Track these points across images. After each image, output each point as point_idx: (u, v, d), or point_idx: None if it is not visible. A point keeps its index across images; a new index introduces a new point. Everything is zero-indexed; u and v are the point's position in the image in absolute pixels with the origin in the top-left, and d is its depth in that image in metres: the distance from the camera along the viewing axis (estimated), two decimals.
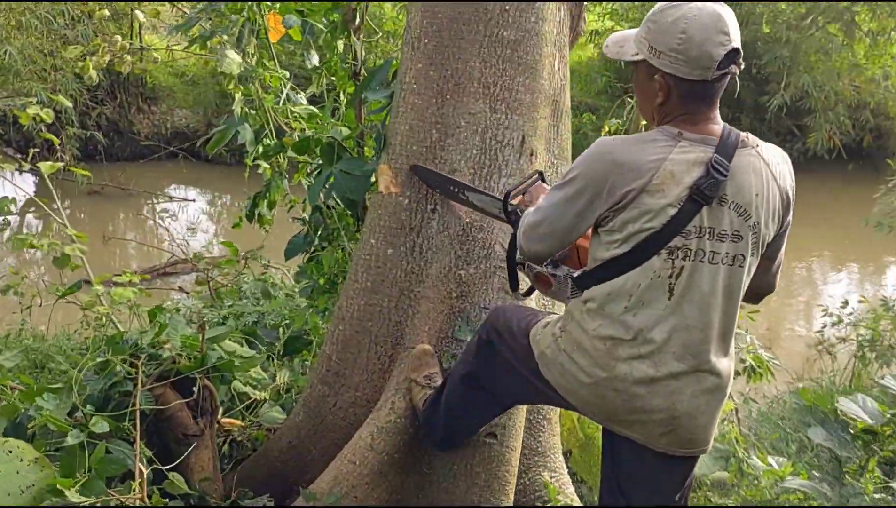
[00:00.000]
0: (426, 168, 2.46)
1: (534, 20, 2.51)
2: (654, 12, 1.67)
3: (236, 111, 3.33)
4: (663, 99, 1.68)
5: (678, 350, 1.67)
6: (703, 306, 1.66)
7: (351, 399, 2.49)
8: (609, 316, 1.71)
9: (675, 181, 1.61)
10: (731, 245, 1.66)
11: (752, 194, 1.66)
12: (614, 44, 1.80)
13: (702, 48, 1.60)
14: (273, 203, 3.35)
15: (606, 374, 1.71)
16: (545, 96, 2.57)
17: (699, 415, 1.72)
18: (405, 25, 2.62)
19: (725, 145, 1.64)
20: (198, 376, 2.23)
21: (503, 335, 2.02)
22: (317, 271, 3.31)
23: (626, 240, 1.66)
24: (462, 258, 2.46)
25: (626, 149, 1.67)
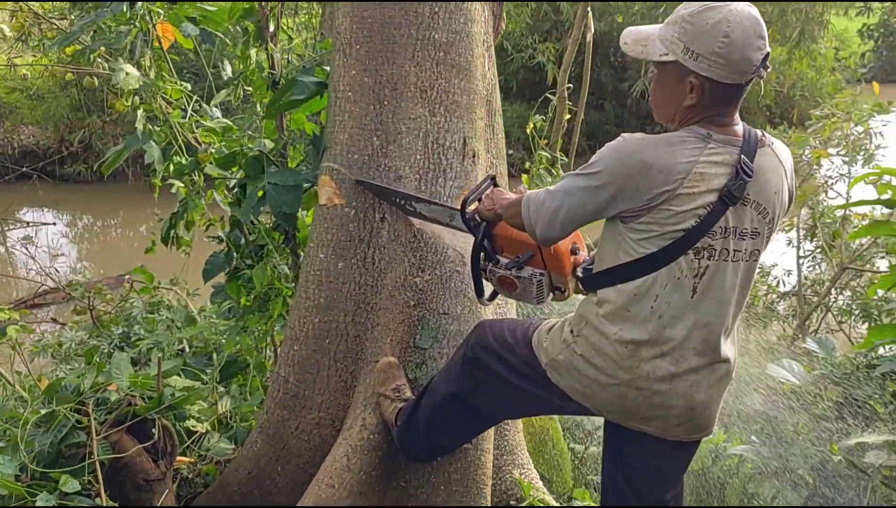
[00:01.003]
0: (371, 183, 2.41)
1: (463, 21, 2.51)
2: (692, 13, 1.63)
3: (139, 128, 3.11)
4: (695, 101, 1.66)
5: (698, 346, 1.71)
6: (722, 302, 1.71)
7: (314, 421, 2.41)
8: (631, 319, 1.71)
9: (705, 184, 1.62)
10: (751, 242, 1.70)
11: (772, 193, 1.70)
12: (635, 42, 1.75)
13: (743, 53, 1.59)
14: (191, 223, 3.16)
15: (630, 376, 1.73)
16: (480, 97, 2.58)
17: (713, 403, 1.79)
18: (333, 31, 2.55)
19: (749, 146, 1.67)
20: (155, 416, 2.08)
21: (494, 349, 1.99)
22: (240, 291, 3.17)
23: (652, 240, 1.66)
24: (416, 266, 2.43)
25: (656, 151, 1.64)
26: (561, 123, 3.64)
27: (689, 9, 1.65)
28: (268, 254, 3.01)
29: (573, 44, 3.89)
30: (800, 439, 2.74)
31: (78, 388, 2.09)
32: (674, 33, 1.66)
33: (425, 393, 2.17)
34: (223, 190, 3.14)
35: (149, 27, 3.05)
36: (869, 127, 5.51)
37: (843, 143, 5.72)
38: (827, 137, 5.85)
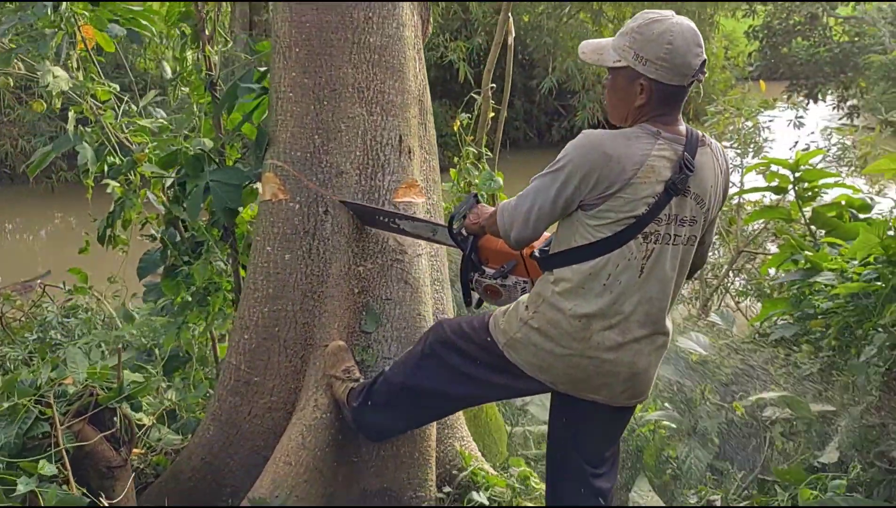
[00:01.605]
0: (354, 203, 2.54)
1: (395, 26, 2.68)
2: (640, 25, 1.87)
3: (70, 129, 3.13)
4: (644, 101, 1.88)
5: (641, 318, 1.94)
6: (663, 281, 1.93)
7: (266, 405, 2.53)
8: (585, 295, 1.91)
9: (654, 175, 1.85)
10: (689, 228, 1.93)
11: (709, 186, 1.93)
12: (592, 51, 1.98)
13: (684, 58, 1.83)
14: (128, 222, 3.19)
15: (582, 346, 1.94)
16: (413, 97, 2.75)
17: (651, 369, 2.03)
18: (273, 35, 2.66)
19: (691, 144, 1.90)
20: (116, 406, 2.15)
21: (453, 342, 2.17)
22: (177, 289, 3.22)
23: (608, 225, 1.87)
24: (359, 255, 2.59)
25: (614, 143, 1.86)
26: (486, 121, 3.88)
27: (638, 21, 1.90)
28: (208, 250, 3.08)
29: (495, 46, 4.12)
30: (707, 403, 3.06)
31: (35, 382, 2.14)
32: (625, 42, 1.89)
33: (380, 381, 2.32)
34: (159, 189, 3.20)
35: (74, 29, 3.07)
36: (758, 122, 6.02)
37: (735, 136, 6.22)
38: (721, 131, 6.34)
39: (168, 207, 3.19)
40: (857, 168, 5.94)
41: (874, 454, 2.43)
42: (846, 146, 6.30)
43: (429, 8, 2.99)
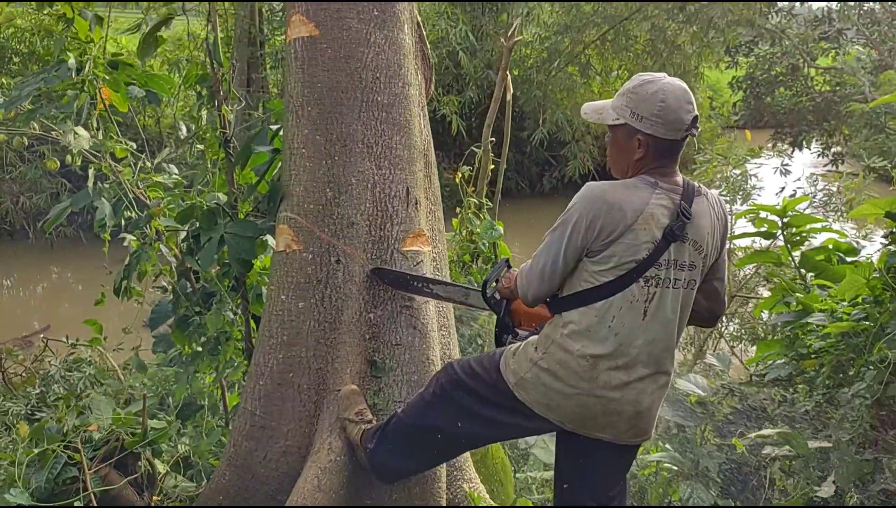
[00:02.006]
0: (387, 269, 2.67)
1: (401, 85, 2.84)
2: (636, 86, 2.04)
3: (90, 185, 3.25)
4: (642, 155, 2.03)
5: (645, 359, 2.05)
6: (665, 323, 2.06)
7: (282, 449, 2.60)
8: (592, 337, 2.03)
9: (653, 222, 1.99)
10: (688, 273, 2.06)
11: (706, 233, 2.07)
12: (593, 111, 2.16)
13: (677, 114, 1.99)
14: (143, 274, 3.30)
15: (589, 385, 2.05)
16: (418, 151, 2.90)
17: (654, 407, 2.13)
18: (286, 95, 2.82)
19: (688, 194, 2.05)
20: (140, 451, 2.23)
21: (463, 382, 2.27)
22: (188, 339, 3.31)
23: (612, 269, 2.00)
24: (369, 302, 2.70)
25: (616, 192, 2.01)
26: (486, 173, 4.03)
27: (634, 83, 2.07)
28: (220, 300, 3.19)
29: (495, 101, 4.31)
30: (707, 443, 3.13)
31: (61, 429, 2.21)
32: (622, 102, 2.06)
33: (393, 422, 2.41)
34: (173, 242, 3.31)
35: (96, 91, 3.22)
36: (745, 169, 6.22)
37: (724, 184, 6.42)
38: (710, 179, 6.54)
39: (181, 259, 3.30)
40: (843, 213, 6.12)
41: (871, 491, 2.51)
42: (832, 192, 6.50)
43: (431, 67, 3.16)
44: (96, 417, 2.28)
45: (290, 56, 2.78)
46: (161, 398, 3.36)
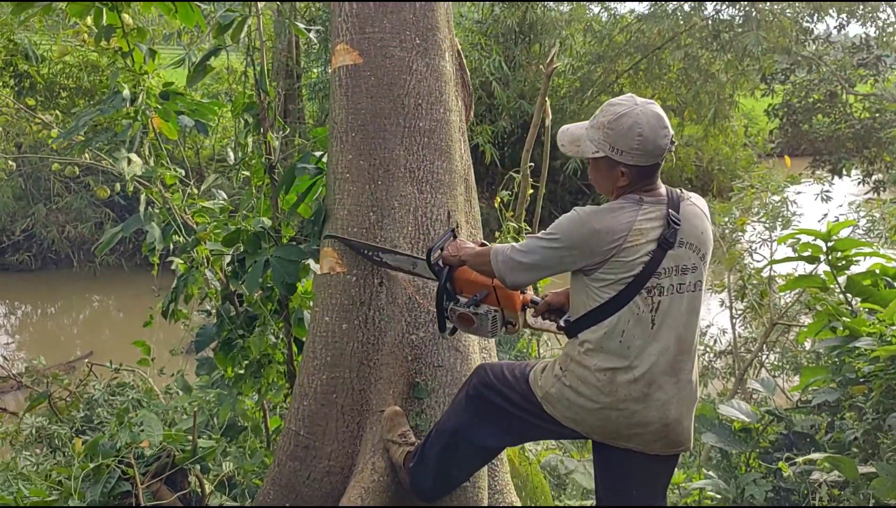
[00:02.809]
0: (343, 238, 2.74)
1: (443, 111, 2.90)
2: (610, 121, 2.06)
3: (141, 211, 3.35)
4: (626, 182, 2.09)
5: (664, 368, 2.08)
6: (676, 328, 2.09)
7: (325, 469, 2.62)
8: (606, 352, 2.07)
9: (644, 236, 2.03)
10: (692, 275, 2.10)
11: (699, 232, 2.12)
12: (570, 143, 2.20)
13: (655, 143, 2.04)
14: (189, 297, 3.37)
15: (610, 399, 2.09)
16: (459, 176, 2.94)
17: (684, 419, 2.14)
18: (330, 121, 2.89)
19: (673, 201, 2.09)
20: (189, 467, 2.27)
21: (495, 386, 2.32)
22: (231, 361, 3.36)
23: (610, 286, 2.05)
24: (412, 324, 2.73)
25: (601, 218, 2.05)
26: (524, 198, 4.06)
27: (608, 117, 2.08)
28: (263, 323, 3.24)
29: (533, 127, 4.36)
30: (752, 470, 3.08)
31: (115, 445, 2.27)
32: (600, 137, 2.09)
33: (432, 434, 2.44)
34: (218, 266, 3.39)
35: (148, 120, 3.33)
36: (785, 196, 6.15)
37: (762, 211, 6.35)
38: (748, 206, 6.48)
39: (226, 282, 3.38)
40: (887, 239, 6.01)
41: None
42: (875, 218, 6.40)
43: (471, 94, 3.22)
44: (147, 434, 2.33)
45: (335, 83, 2.85)
46: (206, 419, 3.41)
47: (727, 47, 12.79)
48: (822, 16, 13.59)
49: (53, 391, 5.54)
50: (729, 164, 16.16)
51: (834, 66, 13.64)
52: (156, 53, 3.21)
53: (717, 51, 13.08)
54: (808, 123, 14.62)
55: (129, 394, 5.08)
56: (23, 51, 10.92)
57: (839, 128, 13.90)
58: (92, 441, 2.28)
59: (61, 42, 4.59)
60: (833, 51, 14.36)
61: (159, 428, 2.37)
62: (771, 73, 13.99)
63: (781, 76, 14.51)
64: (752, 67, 13.32)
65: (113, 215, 11.29)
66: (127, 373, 5.48)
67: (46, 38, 11.50)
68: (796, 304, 6.53)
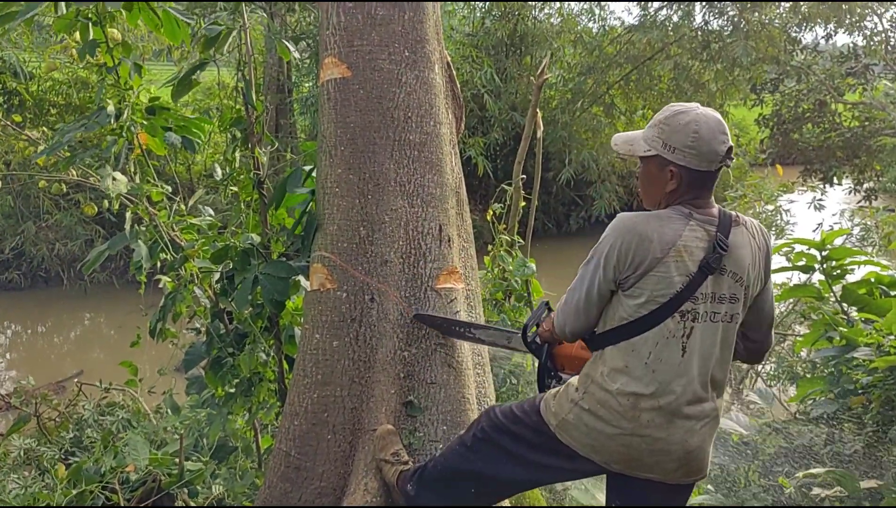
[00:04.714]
0: (430, 315, 2.66)
1: (433, 124, 2.86)
2: (667, 117, 1.99)
3: (127, 228, 3.29)
4: (675, 186, 1.97)
5: (690, 398, 1.97)
6: (707, 359, 1.97)
7: (317, 490, 2.56)
8: (630, 374, 1.96)
9: (688, 254, 1.92)
10: (729, 306, 1.97)
11: (746, 264, 1.98)
12: (624, 142, 2.10)
13: (710, 145, 1.93)
14: (178, 315, 3.31)
15: (632, 425, 1.97)
16: (450, 189, 2.90)
17: (705, 445, 2.04)
18: (319, 136, 2.85)
19: (724, 224, 1.97)
20: (176, 491, 2.21)
21: (504, 426, 2.21)
22: (221, 381, 3.30)
23: (646, 303, 1.94)
24: (404, 341, 2.67)
25: (648, 223, 1.94)
26: (517, 210, 4.03)
27: (665, 113, 2.02)
28: (253, 341, 3.19)
29: (525, 140, 4.33)
30: (752, 485, 3.03)
31: (99, 470, 2.21)
32: (654, 133, 2.01)
33: (433, 468, 2.34)
34: (207, 283, 3.33)
35: (133, 135, 3.28)
36: (778, 205, 6.14)
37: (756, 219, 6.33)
38: None
39: (215, 300, 3.32)
40: (881, 248, 6.00)
41: None
42: (868, 227, 6.39)
43: (462, 106, 3.19)
44: (133, 458, 2.27)
45: (324, 97, 2.82)
46: (195, 440, 3.35)
47: (716, 57, 12.84)
48: (811, 25, 13.67)
49: (42, 412, 5.46)
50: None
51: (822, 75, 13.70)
52: (142, 68, 3.16)
53: (706, 61, 13.13)
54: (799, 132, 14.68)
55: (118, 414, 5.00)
56: (11, 68, 10.89)
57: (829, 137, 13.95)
58: (75, 466, 2.22)
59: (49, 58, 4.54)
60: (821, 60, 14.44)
61: (145, 451, 2.31)
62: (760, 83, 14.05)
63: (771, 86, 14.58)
64: (741, 77, 13.37)
65: (104, 233, 11.20)
66: (117, 392, 5.40)
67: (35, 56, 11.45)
68: (791, 313, 6.50)
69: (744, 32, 12.43)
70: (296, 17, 11.78)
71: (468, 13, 15.32)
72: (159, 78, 8.84)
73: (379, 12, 2.79)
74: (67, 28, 3.02)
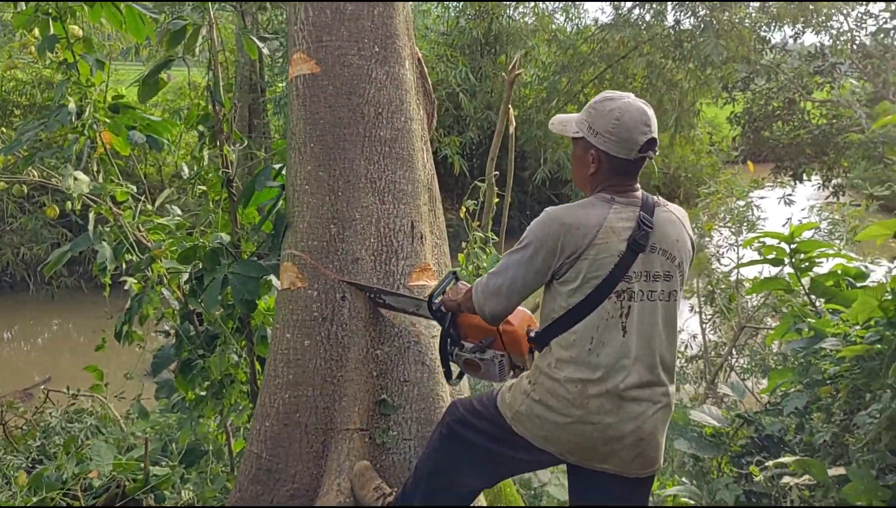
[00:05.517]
0: (351, 282, 2.64)
1: (404, 120, 2.84)
2: (596, 101, 2.05)
3: (90, 229, 3.23)
4: (595, 169, 2.05)
5: (637, 380, 1.99)
6: (650, 338, 2.00)
7: (289, 493, 2.53)
8: (575, 361, 1.98)
9: (615, 236, 1.96)
10: (665, 284, 2.02)
11: (674, 240, 2.04)
12: (559, 123, 2.17)
13: (630, 134, 1.99)
14: (145, 318, 3.25)
15: (582, 411, 1.99)
16: (422, 186, 2.88)
17: (658, 434, 2.05)
18: (288, 133, 2.82)
19: (647, 206, 2.03)
20: (142, 497, 2.16)
21: (467, 420, 2.22)
22: (191, 384, 3.24)
23: (580, 288, 1.97)
24: (376, 339, 2.65)
25: (571, 213, 2.00)
26: (490, 207, 4.02)
27: (597, 99, 2.08)
28: (224, 342, 3.14)
29: (497, 135, 4.32)
30: (724, 475, 3.05)
31: (61, 476, 2.16)
32: (583, 117, 2.08)
33: (411, 479, 2.34)
34: (175, 284, 3.28)
35: (96, 134, 3.22)
36: (749, 200, 6.21)
37: (728, 216, 6.40)
38: (714, 211, 6.53)
39: (184, 301, 3.27)
40: (849, 241, 6.09)
41: None
42: (836, 221, 6.49)
43: (433, 102, 3.17)
44: (97, 464, 2.22)
45: (293, 93, 2.78)
46: (164, 444, 3.29)
47: (689, 56, 12.96)
48: (779, 25, 13.86)
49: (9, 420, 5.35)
50: (695, 170, 16.40)
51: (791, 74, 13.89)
52: (105, 65, 3.10)
53: (679, 60, 13.25)
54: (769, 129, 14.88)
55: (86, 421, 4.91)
56: None
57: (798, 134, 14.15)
58: (36, 473, 2.16)
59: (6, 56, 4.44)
60: (790, 59, 14.65)
61: (109, 457, 2.26)
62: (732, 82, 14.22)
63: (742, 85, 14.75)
64: (713, 76, 13.51)
65: (70, 236, 11.02)
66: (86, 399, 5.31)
67: None
68: (763, 307, 6.58)
69: (715, 31, 12.56)
70: (267, 15, 11.68)
71: (443, 12, 15.31)
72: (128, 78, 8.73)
73: (348, 8, 2.77)
74: (27, 24, 2.96)
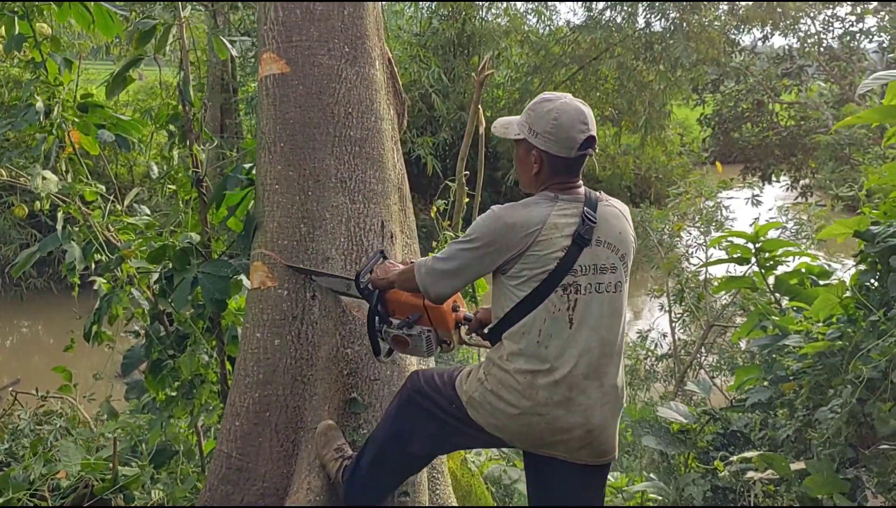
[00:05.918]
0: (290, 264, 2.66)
1: (374, 119, 2.85)
2: (535, 104, 2.12)
3: (59, 229, 3.20)
4: (538, 169, 2.11)
5: (585, 370, 2.04)
6: (598, 330, 2.06)
7: (259, 492, 2.53)
8: (524, 353, 2.04)
9: (559, 231, 2.02)
10: (611, 276, 2.08)
11: (617, 233, 2.10)
12: (501, 126, 2.23)
13: (568, 133, 2.05)
14: (114, 318, 3.23)
15: (531, 402, 2.04)
16: (392, 185, 2.90)
17: (608, 426, 2.10)
18: (258, 132, 2.82)
19: (590, 201, 2.10)
20: (110, 497, 2.15)
21: (426, 391, 2.28)
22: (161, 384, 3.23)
23: (526, 282, 2.03)
24: (346, 338, 2.66)
25: (514, 212, 2.06)
26: (461, 206, 4.05)
27: (535, 101, 2.14)
28: (194, 342, 3.13)
29: (468, 136, 4.36)
30: (691, 471, 3.11)
31: (28, 477, 2.14)
32: (524, 119, 2.14)
33: (368, 444, 2.39)
34: (145, 284, 3.25)
35: (64, 134, 3.19)
36: (718, 201, 6.31)
37: (697, 216, 6.50)
38: (684, 211, 6.62)
39: (154, 301, 3.25)
40: (815, 241, 6.22)
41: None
42: (802, 221, 6.61)
43: (404, 102, 3.19)
44: (65, 464, 2.21)
45: (262, 93, 2.78)
46: (134, 444, 3.27)
47: (659, 58, 13.12)
48: (748, 27, 14.08)
49: None
50: (666, 171, 16.60)
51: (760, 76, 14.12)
52: (73, 64, 3.07)
53: (650, 62, 13.40)
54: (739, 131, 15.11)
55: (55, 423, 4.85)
56: None
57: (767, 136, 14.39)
58: (3, 475, 2.14)
59: None
60: (759, 61, 14.89)
61: (77, 457, 2.25)
62: (702, 83, 14.42)
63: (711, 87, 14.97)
64: (683, 78, 13.68)
65: (39, 236, 10.85)
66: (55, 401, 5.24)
67: None
68: (731, 306, 6.69)
69: (685, 34, 12.72)
70: (239, 14, 11.61)
71: (416, 13, 15.33)
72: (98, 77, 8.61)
73: (318, 7, 2.77)
74: None
